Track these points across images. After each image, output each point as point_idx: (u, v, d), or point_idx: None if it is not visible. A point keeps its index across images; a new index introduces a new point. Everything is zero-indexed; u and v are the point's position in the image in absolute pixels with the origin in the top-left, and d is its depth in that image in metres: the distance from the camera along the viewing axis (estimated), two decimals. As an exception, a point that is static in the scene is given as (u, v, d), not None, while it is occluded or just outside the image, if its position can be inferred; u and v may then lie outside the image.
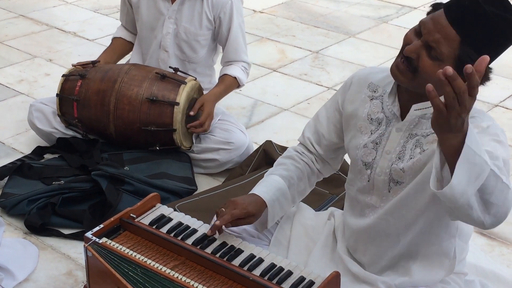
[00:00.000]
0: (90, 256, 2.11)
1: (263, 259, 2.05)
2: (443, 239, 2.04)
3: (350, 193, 2.18)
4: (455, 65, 1.78)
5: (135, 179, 3.03)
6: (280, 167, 2.25)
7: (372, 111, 2.06)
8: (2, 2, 5.38)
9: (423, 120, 1.95)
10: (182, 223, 2.21)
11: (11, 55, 4.50)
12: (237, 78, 3.34)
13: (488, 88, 4.41)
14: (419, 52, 1.84)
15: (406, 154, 1.97)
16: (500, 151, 1.76)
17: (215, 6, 3.26)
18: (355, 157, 2.10)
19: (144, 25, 3.40)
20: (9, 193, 2.99)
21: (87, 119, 3.28)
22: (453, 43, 1.80)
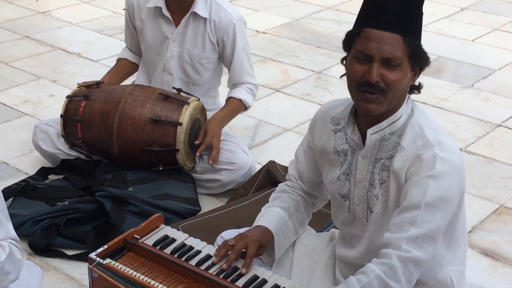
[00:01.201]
0: (96, 277, 2.11)
1: (267, 280, 2.06)
2: (436, 272, 2.04)
3: (336, 226, 2.20)
4: (410, 58, 1.86)
5: (139, 200, 3.03)
6: (277, 200, 2.26)
7: (337, 144, 2.08)
8: (7, 23, 5.41)
9: (383, 143, 1.97)
10: (186, 244, 2.21)
11: (16, 76, 4.52)
12: (242, 100, 3.33)
13: (490, 108, 4.46)
14: (380, 72, 1.85)
15: (375, 179, 1.99)
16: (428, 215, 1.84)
17: (217, 28, 3.28)
18: (332, 191, 2.13)
19: (148, 48, 3.42)
20: (14, 213, 2.99)
21: (90, 140, 3.29)
22: (400, 43, 1.85)
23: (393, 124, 1.95)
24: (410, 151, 1.91)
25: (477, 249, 2.94)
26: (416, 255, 1.83)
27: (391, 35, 1.84)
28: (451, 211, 1.91)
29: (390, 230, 1.88)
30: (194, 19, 3.28)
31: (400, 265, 1.83)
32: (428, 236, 1.85)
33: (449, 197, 1.87)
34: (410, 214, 1.85)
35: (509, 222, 3.14)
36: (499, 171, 3.54)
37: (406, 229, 1.85)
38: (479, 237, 3.02)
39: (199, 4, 3.24)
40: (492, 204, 3.27)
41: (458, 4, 6.05)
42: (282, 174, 3.17)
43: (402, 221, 1.86)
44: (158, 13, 3.31)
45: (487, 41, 5.28)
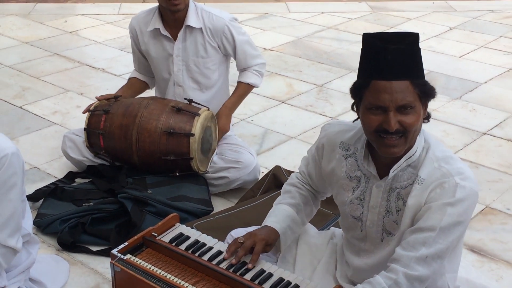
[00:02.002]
0: (117, 271, 2.11)
1: (272, 274, 2.05)
2: (436, 280, 2.00)
3: (346, 236, 2.16)
4: (420, 98, 1.81)
5: (157, 201, 3.03)
6: (287, 195, 2.25)
7: (349, 170, 2.02)
8: (39, 42, 5.44)
9: (399, 173, 1.91)
10: (199, 240, 2.21)
11: (46, 89, 4.54)
12: (250, 84, 3.37)
13: (476, 118, 4.45)
14: (397, 119, 1.78)
15: (392, 207, 1.95)
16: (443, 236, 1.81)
17: (215, 35, 3.29)
18: (344, 212, 2.09)
19: (156, 66, 3.43)
20: (44, 213, 3.01)
21: (112, 150, 3.29)
22: (409, 88, 1.78)
23: (409, 158, 1.89)
24: (430, 181, 1.86)
25: (465, 246, 2.92)
26: (422, 273, 1.81)
27: (399, 83, 1.77)
28: (463, 233, 1.89)
29: (403, 247, 1.85)
30: (190, 31, 3.28)
31: (406, 281, 1.80)
32: (437, 256, 1.83)
33: (463, 222, 1.84)
34: (424, 235, 1.81)
35: (494, 222, 3.13)
36: (485, 175, 3.53)
37: (417, 248, 1.82)
38: (466, 235, 2.98)
39: (191, 17, 3.24)
40: (479, 205, 3.25)
41: (447, 24, 6.05)
42: (287, 177, 3.15)
43: (415, 240, 1.83)
44: (158, 34, 3.32)
45: (473, 57, 5.27)
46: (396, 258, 1.85)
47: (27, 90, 4.53)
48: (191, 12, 3.25)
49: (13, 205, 2.13)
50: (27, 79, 4.71)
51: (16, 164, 2.14)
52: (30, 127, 3.99)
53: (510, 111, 4.29)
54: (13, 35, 5.59)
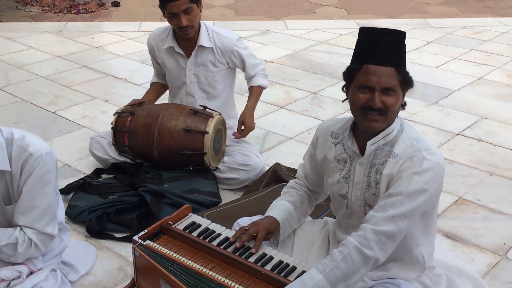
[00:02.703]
0: (137, 255, 2.11)
1: (273, 257, 2.05)
2: (412, 249, 2.02)
3: (336, 217, 2.19)
4: (402, 84, 1.89)
5: (173, 194, 3.04)
6: (286, 194, 2.27)
7: (337, 154, 2.07)
8: (69, 55, 5.45)
9: (378, 152, 1.96)
10: (209, 228, 2.21)
11: (76, 97, 4.54)
12: (262, 85, 3.37)
13: (450, 121, 4.45)
14: (381, 98, 1.86)
15: (372, 181, 1.98)
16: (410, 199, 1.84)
17: (224, 53, 3.29)
18: (332, 192, 2.12)
19: (171, 77, 3.43)
20: (74, 205, 3.02)
21: (135, 146, 3.30)
22: (393, 74, 1.87)
23: (386, 136, 1.94)
24: (403, 155, 1.91)
25: (441, 233, 2.93)
26: (389, 229, 1.82)
27: (387, 69, 1.85)
28: (428, 201, 1.89)
29: (375, 210, 1.88)
30: (201, 50, 3.29)
31: (374, 236, 1.82)
32: (403, 216, 1.84)
33: (428, 190, 1.86)
34: (393, 199, 1.85)
35: (466, 211, 3.12)
36: (458, 171, 3.53)
37: (386, 209, 1.84)
38: (442, 223, 3.01)
39: (203, 38, 3.25)
40: (453, 197, 3.25)
41: (425, 39, 6.05)
42: (285, 173, 3.17)
43: (385, 204, 1.86)
44: (172, 51, 3.33)
45: (448, 68, 5.27)
46: (367, 219, 1.87)
47: (59, 97, 4.54)
48: (203, 33, 3.25)
49: (49, 198, 2.14)
50: (60, 88, 4.72)
51: (50, 163, 2.14)
52: (62, 130, 4.00)
53: (480, 115, 4.29)
54: (47, 50, 5.60)
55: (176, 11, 3.06)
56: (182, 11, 3.06)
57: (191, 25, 3.12)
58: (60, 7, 7.00)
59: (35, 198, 2.10)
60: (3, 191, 2.14)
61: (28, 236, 2.11)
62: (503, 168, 3.57)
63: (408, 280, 2.06)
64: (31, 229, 2.12)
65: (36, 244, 2.13)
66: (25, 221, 2.11)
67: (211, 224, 2.24)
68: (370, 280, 2.05)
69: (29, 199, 2.10)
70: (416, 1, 7.62)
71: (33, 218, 2.11)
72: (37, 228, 2.12)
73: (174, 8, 3.05)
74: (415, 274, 2.08)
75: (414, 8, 7.28)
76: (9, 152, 2.09)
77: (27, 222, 2.11)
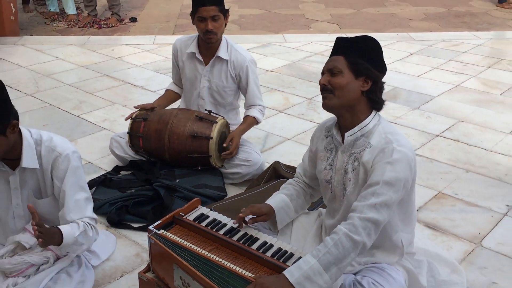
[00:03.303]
0: (152, 243, 2.11)
1: (273, 245, 2.05)
2: (391, 236, 2.03)
3: (325, 203, 2.20)
4: (350, 69, 1.93)
5: (184, 188, 3.04)
6: (284, 189, 2.28)
7: (327, 144, 2.10)
8: (92, 65, 5.46)
9: (356, 142, 1.98)
10: (216, 219, 2.22)
11: (98, 102, 4.55)
12: (255, 118, 3.34)
13: (431, 124, 4.45)
14: (327, 79, 1.95)
15: (349, 167, 2.00)
16: (385, 188, 1.86)
17: (235, 67, 3.29)
18: (320, 178, 2.13)
19: (187, 81, 3.42)
20: (96, 198, 3.01)
21: (149, 149, 3.30)
22: (342, 60, 1.94)
23: (363, 128, 1.97)
24: (377, 146, 1.92)
25: (422, 223, 2.92)
26: (373, 216, 1.83)
27: (336, 57, 1.96)
28: (403, 189, 1.89)
29: (358, 200, 1.89)
30: (218, 60, 3.28)
31: (361, 223, 1.83)
32: (384, 204, 1.84)
33: (401, 177, 1.87)
34: (372, 188, 1.86)
35: (445, 204, 3.12)
36: (438, 168, 3.52)
37: (368, 198, 1.85)
38: (423, 214, 3.01)
39: (222, 50, 3.25)
40: (433, 191, 3.25)
41: (408, 51, 6.04)
42: (284, 170, 3.17)
43: (366, 193, 1.87)
44: (193, 56, 3.32)
45: (429, 76, 5.26)
46: (353, 208, 1.88)
47: (83, 103, 4.54)
48: (223, 46, 3.26)
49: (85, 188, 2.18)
50: (83, 95, 4.72)
51: (77, 160, 2.15)
52: (86, 132, 4.00)
53: (457, 118, 4.28)
54: (72, 61, 5.61)
55: (205, 15, 3.08)
56: (210, 16, 3.08)
57: (215, 31, 3.13)
58: (84, 22, 7.00)
59: (76, 194, 2.11)
60: (35, 187, 2.15)
61: (87, 223, 2.12)
62: (477, 165, 3.56)
63: (391, 264, 2.07)
64: (86, 218, 2.13)
65: (95, 227, 2.15)
66: (76, 216, 2.11)
67: (218, 215, 2.24)
68: (358, 265, 2.06)
69: (71, 197, 2.11)
70: (400, 17, 7.61)
71: (80, 210, 2.12)
72: (87, 216, 2.13)
73: (204, 13, 3.08)
74: (396, 258, 2.08)
75: (399, 24, 7.28)
76: (38, 152, 2.10)
77: (78, 216, 2.11)
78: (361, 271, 2.04)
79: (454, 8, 8.07)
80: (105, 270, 2.53)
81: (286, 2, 8.33)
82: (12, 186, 2.13)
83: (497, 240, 2.80)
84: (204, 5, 3.06)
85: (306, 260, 1.80)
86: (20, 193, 2.14)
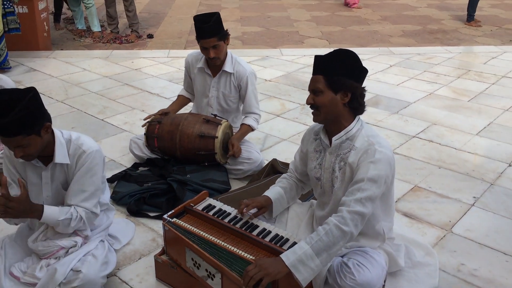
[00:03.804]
0: (167, 229, 2.12)
1: (271, 231, 2.06)
2: (374, 225, 2.03)
3: (316, 196, 2.20)
4: (329, 85, 1.89)
5: (193, 182, 3.04)
6: (279, 183, 2.28)
7: (316, 146, 2.09)
8: (115, 75, 5.46)
9: (342, 145, 1.98)
10: (222, 209, 2.22)
11: (119, 108, 4.55)
12: (250, 126, 3.30)
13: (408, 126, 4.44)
14: (312, 98, 1.93)
15: (336, 167, 1.99)
16: (370, 184, 1.85)
17: (237, 78, 3.28)
18: (311, 176, 2.13)
19: (198, 91, 3.42)
20: (117, 191, 3.02)
21: (163, 148, 3.29)
22: (321, 80, 1.90)
23: (347, 133, 1.96)
24: (361, 148, 1.92)
25: (400, 212, 2.92)
26: (360, 209, 1.83)
27: (316, 76, 1.92)
28: (384, 184, 1.89)
29: (346, 195, 1.89)
30: (224, 73, 3.28)
31: (349, 215, 1.82)
32: (368, 198, 1.84)
33: (382, 175, 1.87)
34: (358, 185, 1.85)
35: (420, 196, 3.12)
36: (414, 165, 3.52)
37: (354, 194, 1.85)
38: (401, 205, 3.01)
39: (227, 64, 3.25)
40: (409, 185, 3.24)
41: (388, 63, 6.04)
42: (281, 166, 3.17)
43: (353, 189, 1.86)
44: (203, 71, 3.32)
45: (406, 85, 5.26)
46: (342, 203, 1.88)
47: (107, 108, 4.54)
48: (228, 61, 3.25)
49: (95, 185, 2.15)
50: (107, 101, 4.72)
51: (99, 158, 2.15)
52: (109, 133, 4.00)
53: (431, 122, 4.27)
54: (97, 71, 5.61)
55: (206, 46, 3.08)
56: (211, 46, 3.07)
57: (218, 57, 3.13)
58: (107, 38, 7.00)
59: (84, 184, 2.10)
60: (63, 179, 2.15)
61: (79, 213, 2.12)
62: (448, 162, 3.56)
63: (373, 248, 2.07)
64: (81, 208, 2.12)
65: (84, 220, 2.13)
66: (75, 201, 2.11)
67: (224, 205, 2.25)
68: (345, 248, 2.06)
69: (79, 184, 2.10)
70: (382, 34, 7.60)
71: (81, 199, 2.11)
72: (85, 207, 2.13)
73: (205, 44, 3.08)
74: (378, 243, 2.09)
75: (380, 39, 7.27)
76: (68, 149, 2.11)
77: (76, 202, 2.11)
78: (347, 253, 2.04)
79: (428, 26, 8.06)
80: (126, 253, 2.53)
81: (282, 21, 8.32)
82: (44, 180, 2.13)
83: (465, 227, 2.79)
84: (204, 38, 3.05)
85: (300, 246, 1.80)
86: (50, 187, 2.14)
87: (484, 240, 2.67)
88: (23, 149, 1.94)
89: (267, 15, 8.64)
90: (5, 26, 5.40)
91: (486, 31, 7.73)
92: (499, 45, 6.89)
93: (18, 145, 1.93)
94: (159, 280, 2.29)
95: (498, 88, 5.14)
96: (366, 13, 8.96)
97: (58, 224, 2.08)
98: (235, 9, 9.15)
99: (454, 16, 8.75)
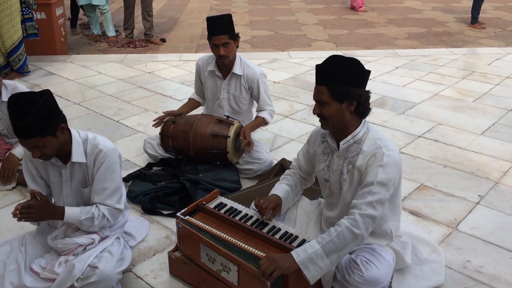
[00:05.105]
0: (180, 227, 2.13)
1: (281, 228, 2.06)
2: (382, 224, 2.02)
3: (324, 197, 2.19)
4: (333, 96, 1.86)
5: (205, 181, 3.04)
6: (285, 180, 2.28)
7: (323, 149, 2.08)
8: (129, 79, 5.49)
9: (350, 148, 1.96)
10: (233, 207, 2.22)
11: (134, 109, 4.57)
12: (264, 118, 3.31)
13: (414, 126, 4.41)
14: (319, 108, 1.90)
15: (344, 170, 1.98)
16: (379, 188, 1.84)
17: (248, 80, 3.29)
18: (319, 177, 2.12)
19: (209, 93, 3.43)
20: (132, 190, 3.04)
21: (177, 147, 3.31)
22: (325, 91, 1.87)
23: (354, 137, 1.95)
24: (368, 152, 1.90)
25: (407, 210, 2.90)
26: (371, 213, 1.82)
27: (320, 87, 1.88)
28: (393, 187, 1.89)
29: (356, 198, 1.87)
30: (234, 75, 3.29)
31: (361, 218, 1.81)
32: (379, 201, 1.83)
33: (391, 178, 1.86)
34: (368, 188, 1.84)
35: (426, 194, 3.10)
36: (420, 164, 3.50)
37: (365, 197, 1.84)
38: (408, 203, 2.99)
39: (236, 67, 3.25)
40: (416, 184, 3.23)
41: (394, 64, 6.00)
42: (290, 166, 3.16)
43: (363, 193, 1.85)
44: (213, 73, 3.33)
45: (412, 86, 5.22)
46: (352, 206, 1.87)
47: (121, 110, 4.57)
48: (237, 63, 3.26)
49: (116, 182, 2.16)
50: (121, 103, 4.75)
51: (115, 156, 2.17)
52: (124, 134, 4.02)
53: (436, 122, 4.24)
54: (112, 75, 5.64)
55: (217, 43, 3.08)
56: (222, 44, 3.07)
57: (227, 55, 3.13)
58: (122, 43, 7.05)
59: (105, 182, 2.12)
60: (81, 178, 2.17)
61: (101, 211, 2.13)
62: (454, 162, 3.53)
63: (381, 246, 2.06)
64: (103, 206, 2.14)
65: (107, 217, 2.15)
66: (99, 199, 2.13)
67: (234, 204, 2.25)
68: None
69: (100, 183, 2.12)
70: (388, 36, 7.56)
71: (104, 197, 2.13)
72: (108, 205, 2.14)
73: (216, 41, 3.08)
74: (386, 242, 2.08)
75: (386, 42, 7.23)
76: (84, 148, 2.13)
77: (100, 200, 2.13)
78: (356, 251, 2.04)
79: (433, 28, 8.00)
80: (140, 250, 2.54)
81: (290, 24, 8.31)
82: (64, 178, 2.15)
83: (470, 225, 2.77)
84: (215, 35, 3.06)
85: (311, 245, 1.80)
86: (69, 185, 2.16)
87: (489, 238, 2.64)
88: (40, 149, 1.97)
89: (275, 19, 8.63)
90: (24, 32, 5.45)
91: (490, 33, 7.66)
92: (503, 47, 6.83)
93: (35, 146, 1.95)
94: (173, 276, 2.30)
95: (502, 88, 5.09)
96: (372, 16, 8.92)
97: (81, 223, 2.11)
98: (245, 13, 9.16)
99: (459, 18, 8.68)
